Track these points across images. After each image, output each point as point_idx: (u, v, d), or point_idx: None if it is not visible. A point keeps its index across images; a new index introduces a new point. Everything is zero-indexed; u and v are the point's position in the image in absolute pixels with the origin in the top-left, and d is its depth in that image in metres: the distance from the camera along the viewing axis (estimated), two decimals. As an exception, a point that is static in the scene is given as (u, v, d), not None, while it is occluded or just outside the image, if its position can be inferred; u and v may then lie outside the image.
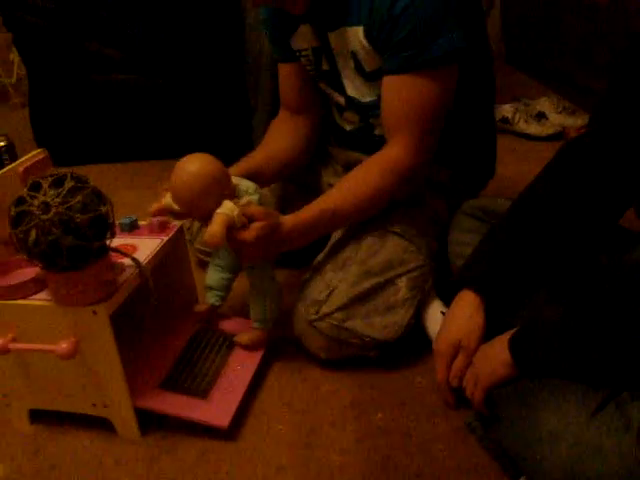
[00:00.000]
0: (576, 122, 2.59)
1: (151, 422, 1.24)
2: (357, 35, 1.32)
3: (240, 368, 1.32)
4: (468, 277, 1.21)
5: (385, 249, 1.36)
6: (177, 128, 2.65)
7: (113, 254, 1.14)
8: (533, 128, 2.63)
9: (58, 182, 1.01)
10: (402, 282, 1.33)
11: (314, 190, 1.61)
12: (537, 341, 1.01)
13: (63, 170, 1.04)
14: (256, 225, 1.19)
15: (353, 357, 1.34)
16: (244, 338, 1.37)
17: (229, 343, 1.38)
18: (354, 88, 1.45)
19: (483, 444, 1.15)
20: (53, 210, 0.98)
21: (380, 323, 1.30)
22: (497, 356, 1.06)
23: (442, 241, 1.46)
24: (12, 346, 1.12)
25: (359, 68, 1.38)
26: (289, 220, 1.27)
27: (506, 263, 1.17)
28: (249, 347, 1.37)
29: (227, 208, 1.16)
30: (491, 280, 1.18)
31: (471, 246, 1.32)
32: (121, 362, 1.14)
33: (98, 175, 2.51)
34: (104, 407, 1.19)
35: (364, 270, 1.32)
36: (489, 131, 1.61)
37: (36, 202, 0.99)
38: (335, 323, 1.29)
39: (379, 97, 1.39)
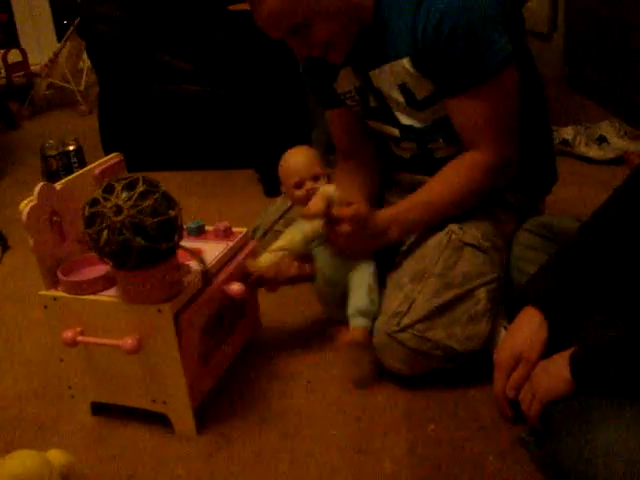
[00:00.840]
0: (637, 147, 2.55)
1: (208, 421, 1.28)
2: (404, 67, 1.35)
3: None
4: (534, 294, 1.22)
5: (463, 261, 1.36)
6: (239, 140, 2.70)
7: (180, 256, 1.18)
8: (593, 152, 2.61)
9: (130, 186, 1.05)
10: (482, 293, 1.33)
11: None
12: (597, 359, 1.02)
13: (136, 174, 1.09)
14: (354, 205, 1.30)
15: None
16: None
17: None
18: (407, 117, 1.46)
19: (535, 459, 1.14)
20: (125, 213, 1.02)
21: (462, 334, 1.30)
22: (557, 372, 1.06)
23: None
24: (80, 339, 1.18)
25: (410, 99, 1.40)
26: (384, 211, 1.37)
27: (573, 284, 1.17)
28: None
29: (328, 186, 1.34)
30: (556, 300, 1.18)
31: (533, 263, 1.33)
32: (182, 361, 1.18)
33: (165, 182, 2.56)
34: (163, 403, 1.23)
35: (444, 282, 1.32)
36: (546, 143, 1.61)
37: (109, 204, 1.03)
38: (417, 334, 1.29)
39: (434, 122, 1.42)
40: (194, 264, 1.23)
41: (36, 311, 1.26)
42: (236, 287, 1.28)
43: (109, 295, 1.18)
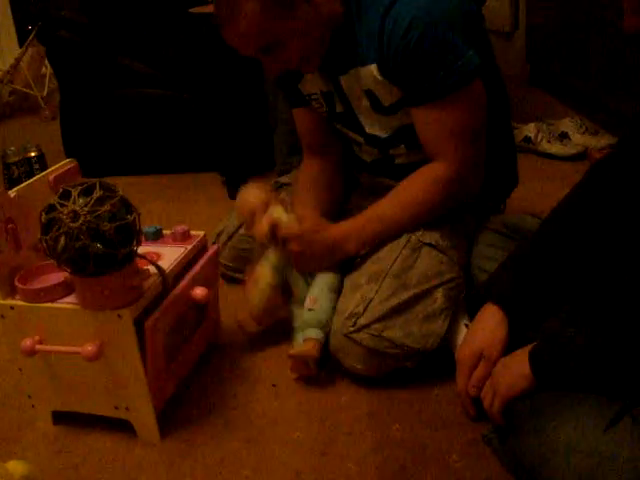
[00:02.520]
0: (599, 142, 2.59)
1: (171, 426, 1.27)
2: (371, 72, 1.34)
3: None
4: (494, 292, 1.22)
5: (420, 261, 1.36)
6: (201, 143, 2.69)
7: (139, 261, 1.17)
8: (556, 148, 2.64)
9: (87, 191, 1.04)
10: (439, 293, 1.34)
11: (347, 214, 1.60)
12: (557, 355, 1.03)
13: (93, 180, 1.08)
14: (297, 226, 1.35)
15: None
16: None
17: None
18: (372, 125, 1.46)
19: (499, 456, 1.15)
20: (82, 218, 1.01)
21: (419, 332, 1.31)
22: (517, 369, 1.07)
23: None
24: (39, 347, 1.16)
25: (376, 105, 1.40)
26: (340, 225, 1.39)
27: (532, 281, 1.18)
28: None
29: (274, 209, 1.39)
30: (516, 297, 1.19)
31: (493, 260, 1.34)
32: (145, 366, 1.17)
33: (125, 187, 2.51)
34: (126, 410, 1.22)
35: (401, 282, 1.33)
36: (508, 145, 1.62)
37: (65, 210, 1.02)
38: (374, 334, 1.29)
39: (398, 130, 1.42)
40: (153, 268, 1.22)
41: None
42: (200, 292, 1.27)
43: (68, 302, 1.16)
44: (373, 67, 1.33)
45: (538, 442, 0.98)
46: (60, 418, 1.30)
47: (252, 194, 1.45)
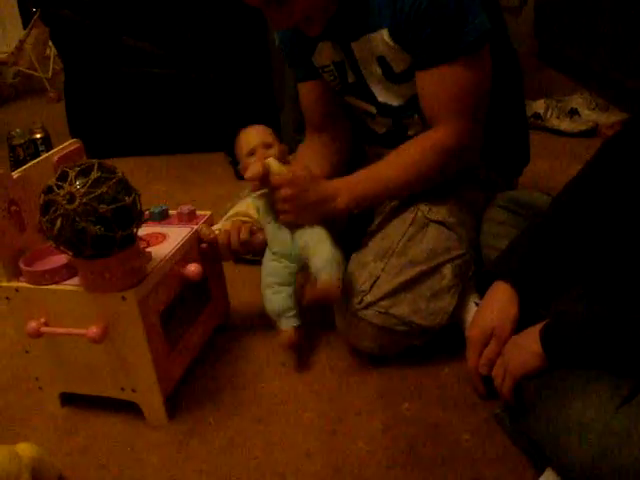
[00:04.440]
0: (609, 119, 2.55)
1: (180, 408, 1.27)
2: (382, 38, 1.32)
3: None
4: (504, 269, 1.21)
5: (428, 238, 1.35)
6: (208, 122, 2.67)
7: (143, 242, 1.16)
8: (565, 124, 2.60)
9: (85, 172, 1.03)
10: (447, 269, 1.33)
11: None
12: (568, 332, 1.01)
13: (92, 160, 1.06)
14: (291, 168, 1.33)
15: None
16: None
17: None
18: (384, 94, 1.44)
19: (510, 435, 1.14)
20: (77, 200, 1.00)
21: (426, 310, 1.30)
22: (528, 347, 1.05)
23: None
24: (44, 330, 1.15)
25: (388, 72, 1.38)
26: (334, 180, 1.37)
27: (544, 258, 1.17)
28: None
29: (271, 158, 1.35)
30: (527, 274, 1.17)
31: (503, 237, 1.32)
32: (150, 348, 1.16)
33: (131, 167, 2.54)
34: (132, 391, 1.21)
35: (408, 259, 1.31)
36: (520, 120, 1.60)
37: (62, 192, 1.01)
38: (381, 311, 1.28)
39: (410, 99, 1.39)
40: (157, 250, 1.20)
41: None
42: (192, 268, 1.26)
43: (72, 284, 1.15)
44: (384, 32, 1.31)
45: (550, 420, 0.97)
46: (68, 400, 1.30)
47: (252, 134, 1.43)
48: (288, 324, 1.36)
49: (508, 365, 1.09)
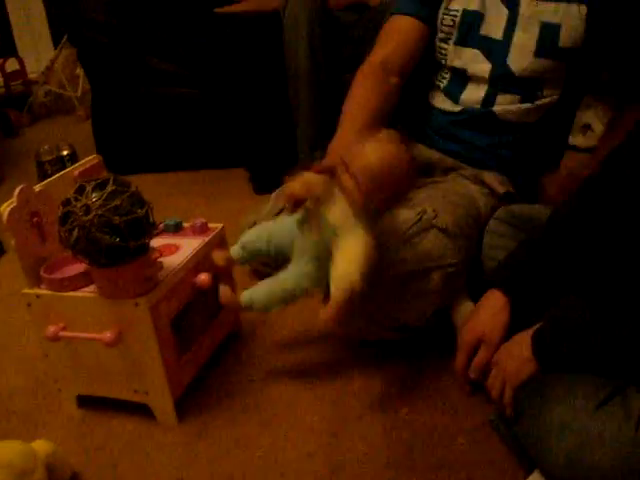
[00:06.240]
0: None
1: (189, 410, 1.33)
2: (575, 14, 1.36)
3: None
4: (499, 278, 1.25)
5: (426, 241, 1.37)
6: (228, 140, 2.75)
7: (156, 252, 1.23)
8: (579, 140, 2.62)
9: (101, 186, 1.10)
10: (436, 275, 1.35)
11: None
12: (559, 337, 1.06)
13: (108, 175, 1.14)
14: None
15: (381, 345, 1.38)
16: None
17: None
18: (520, 60, 1.47)
19: (505, 440, 1.18)
20: (93, 212, 1.07)
21: (408, 307, 1.34)
22: (520, 353, 1.10)
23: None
24: (62, 334, 1.22)
25: (548, 42, 1.42)
26: None
27: (538, 269, 1.21)
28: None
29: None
30: (520, 283, 1.22)
31: (503, 250, 1.35)
32: (161, 352, 1.22)
33: (155, 183, 2.64)
34: (145, 394, 1.28)
35: (401, 257, 1.34)
36: (562, 143, 1.70)
37: (79, 204, 1.08)
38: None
39: (540, 78, 1.47)
40: (169, 260, 1.27)
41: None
42: (203, 277, 1.32)
43: (89, 291, 1.22)
44: (583, 7, 1.36)
45: (535, 424, 1.01)
46: (85, 402, 1.37)
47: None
48: (235, 253, 1.31)
49: (506, 375, 1.12)
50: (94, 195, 1.08)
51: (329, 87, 2.35)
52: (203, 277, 1.32)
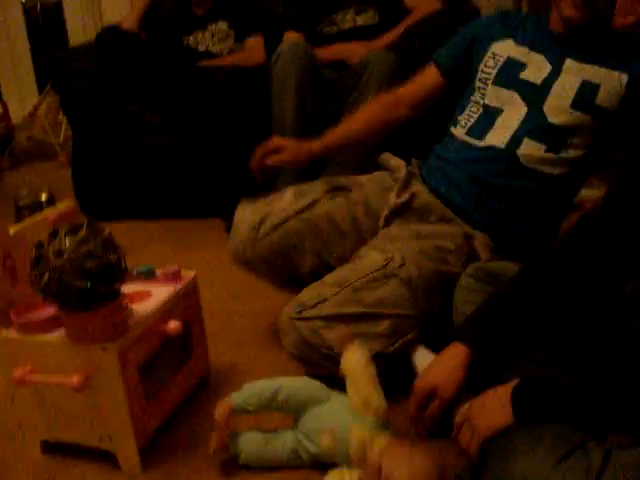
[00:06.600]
0: (593, 193, 2.63)
1: (154, 459, 1.32)
2: (616, 80, 1.43)
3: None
4: (463, 332, 1.28)
5: (385, 287, 1.42)
6: (205, 189, 2.77)
7: (126, 298, 1.24)
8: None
9: (74, 230, 1.12)
10: (386, 321, 1.40)
11: None
12: (540, 395, 1.07)
13: (82, 220, 1.15)
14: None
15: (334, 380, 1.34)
16: None
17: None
18: (556, 109, 1.52)
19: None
20: (65, 256, 1.09)
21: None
22: (496, 408, 1.10)
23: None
24: (29, 378, 1.22)
25: (586, 96, 1.48)
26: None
27: (501, 324, 1.24)
28: None
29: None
30: (484, 337, 1.24)
31: (472, 305, 1.38)
32: (127, 399, 1.22)
33: (132, 230, 2.64)
34: (109, 440, 1.27)
35: (357, 297, 1.40)
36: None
37: (52, 248, 1.10)
38: (314, 328, 1.38)
39: (573, 128, 1.52)
40: (139, 306, 1.28)
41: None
42: (172, 325, 1.33)
43: (57, 335, 1.22)
44: (623, 77, 1.43)
45: (499, 476, 1.02)
46: (49, 448, 1.35)
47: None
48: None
49: (476, 427, 1.12)
50: (67, 239, 1.09)
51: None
52: (173, 325, 1.32)
